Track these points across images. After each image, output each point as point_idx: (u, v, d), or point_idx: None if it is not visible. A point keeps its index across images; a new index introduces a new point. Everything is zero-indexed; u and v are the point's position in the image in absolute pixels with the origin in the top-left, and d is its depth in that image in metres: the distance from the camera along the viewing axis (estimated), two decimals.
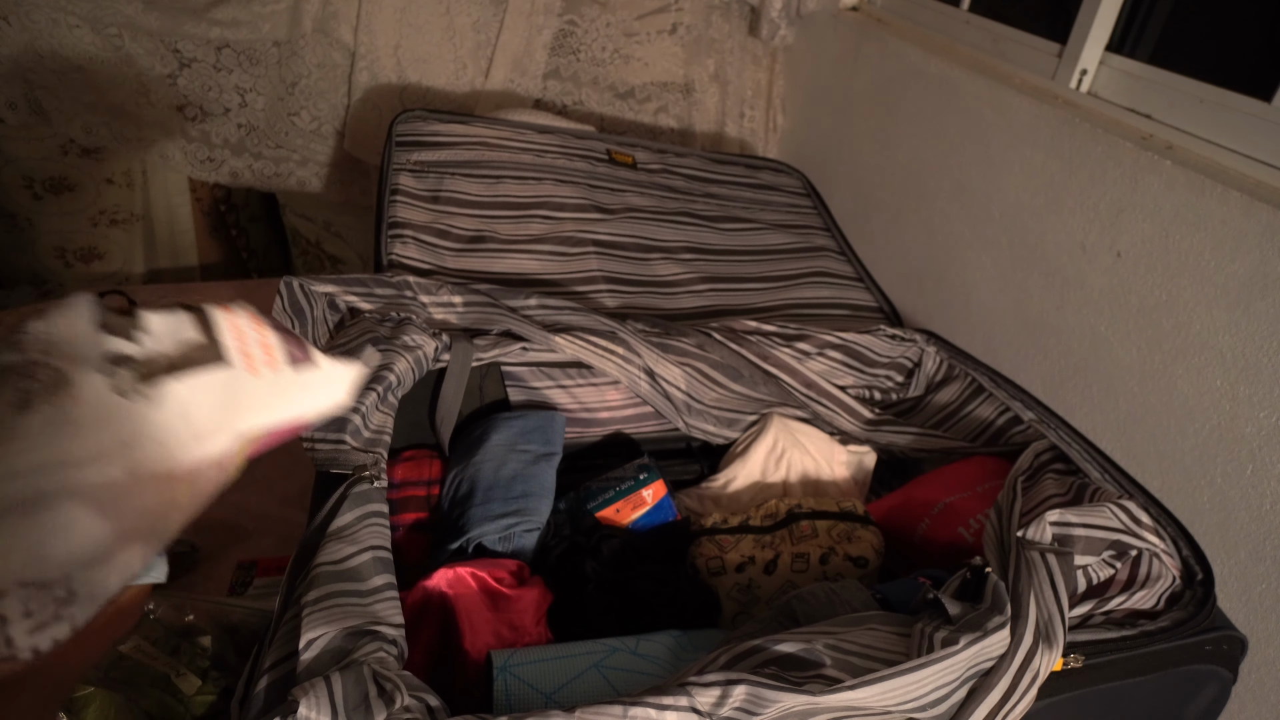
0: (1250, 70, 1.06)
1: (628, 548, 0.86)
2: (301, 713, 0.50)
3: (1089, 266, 1.19)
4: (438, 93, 1.90)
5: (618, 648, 0.70)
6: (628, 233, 1.33)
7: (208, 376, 0.39)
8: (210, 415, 0.39)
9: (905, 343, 1.13)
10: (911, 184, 1.61)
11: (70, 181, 1.82)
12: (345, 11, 1.75)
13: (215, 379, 0.39)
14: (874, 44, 1.72)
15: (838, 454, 1.07)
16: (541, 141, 1.44)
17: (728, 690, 0.54)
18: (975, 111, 1.41)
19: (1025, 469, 0.83)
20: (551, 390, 1.07)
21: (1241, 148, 1.04)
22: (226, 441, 0.40)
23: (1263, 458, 0.96)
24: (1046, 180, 1.27)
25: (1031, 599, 0.60)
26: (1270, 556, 0.96)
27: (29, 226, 1.84)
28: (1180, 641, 0.65)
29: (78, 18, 1.59)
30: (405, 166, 1.28)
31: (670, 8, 1.99)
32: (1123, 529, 0.69)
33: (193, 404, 0.38)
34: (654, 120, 2.11)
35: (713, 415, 1.09)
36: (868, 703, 0.55)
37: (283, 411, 0.43)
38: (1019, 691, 0.57)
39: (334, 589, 0.61)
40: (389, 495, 0.81)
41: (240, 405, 0.41)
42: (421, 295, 1.00)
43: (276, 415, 0.43)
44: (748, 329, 1.10)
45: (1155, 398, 1.10)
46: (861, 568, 0.88)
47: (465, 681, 0.72)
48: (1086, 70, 1.28)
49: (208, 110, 1.79)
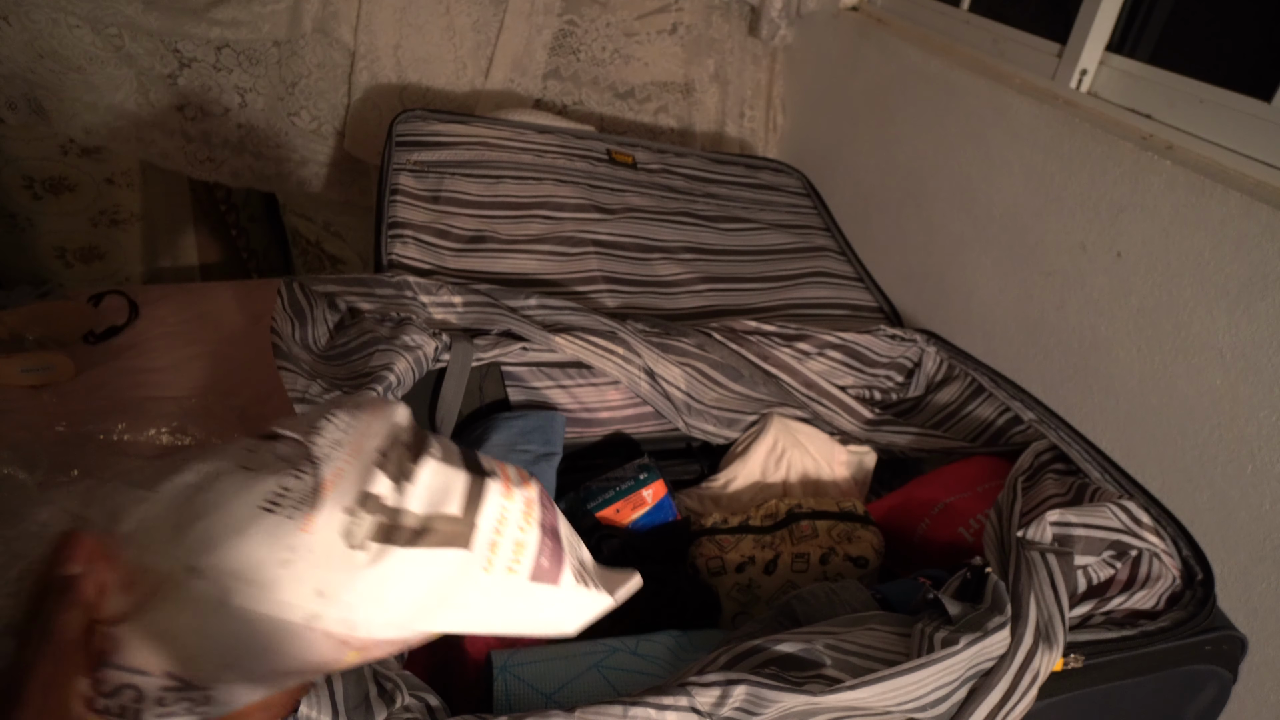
0: (1250, 70, 1.06)
1: (628, 548, 0.86)
2: (302, 712, 0.50)
3: (1089, 266, 1.19)
4: (438, 93, 1.90)
5: (618, 648, 0.70)
6: (628, 233, 1.33)
7: (440, 557, 0.35)
8: (417, 599, 0.36)
9: (905, 343, 1.13)
10: (911, 184, 1.61)
11: (70, 181, 1.82)
12: (345, 11, 1.75)
13: (445, 561, 0.36)
14: (874, 44, 1.72)
15: (838, 454, 1.07)
16: (541, 141, 1.44)
17: (728, 690, 0.54)
18: (975, 111, 1.41)
19: (1025, 469, 0.83)
20: (551, 390, 1.07)
21: (1241, 148, 1.04)
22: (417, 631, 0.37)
23: (1263, 458, 0.96)
24: (1046, 180, 1.27)
25: (1032, 599, 0.60)
26: (1270, 556, 0.96)
27: (29, 226, 1.84)
28: (1180, 641, 0.65)
29: (78, 18, 1.59)
30: (405, 166, 1.28)
31: (670, 8, 1.99)
32: (1123, 529, 0.69)
33: (407, 581, 0.35)
34: (654, 120, 2.11)
35: (713, 415, 1.09)
36: (868, 703, 0.55)
37: (493, 623, 0.38)
38: (1019, 691, 0.57)
39: None
40: None
41: (450, 601, 0.36)
42: (421, 295, 1.00)
43: (484, 625, 0.38)
44: (748, 329, 1.10)
45: (1155, 398, 1.10)
46: (861, 568, 0.88)
47: (465, 681, 0.72)
48: (1086, 70, 1.28)
49: (207, 110, 1.79)
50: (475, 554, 0.37)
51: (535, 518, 0.39)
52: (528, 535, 0.38)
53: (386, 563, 0.34)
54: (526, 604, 0.38)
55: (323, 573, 0.34)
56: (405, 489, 0.36)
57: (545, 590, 0.39)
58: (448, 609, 0.37)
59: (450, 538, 0.36)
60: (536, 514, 0.39)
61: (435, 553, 0.36)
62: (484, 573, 0.37)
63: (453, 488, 0.37)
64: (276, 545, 0.33)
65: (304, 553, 0.33)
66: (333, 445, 0.36)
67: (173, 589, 0.33)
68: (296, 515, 0.33)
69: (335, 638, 0.34)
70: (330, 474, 0.35)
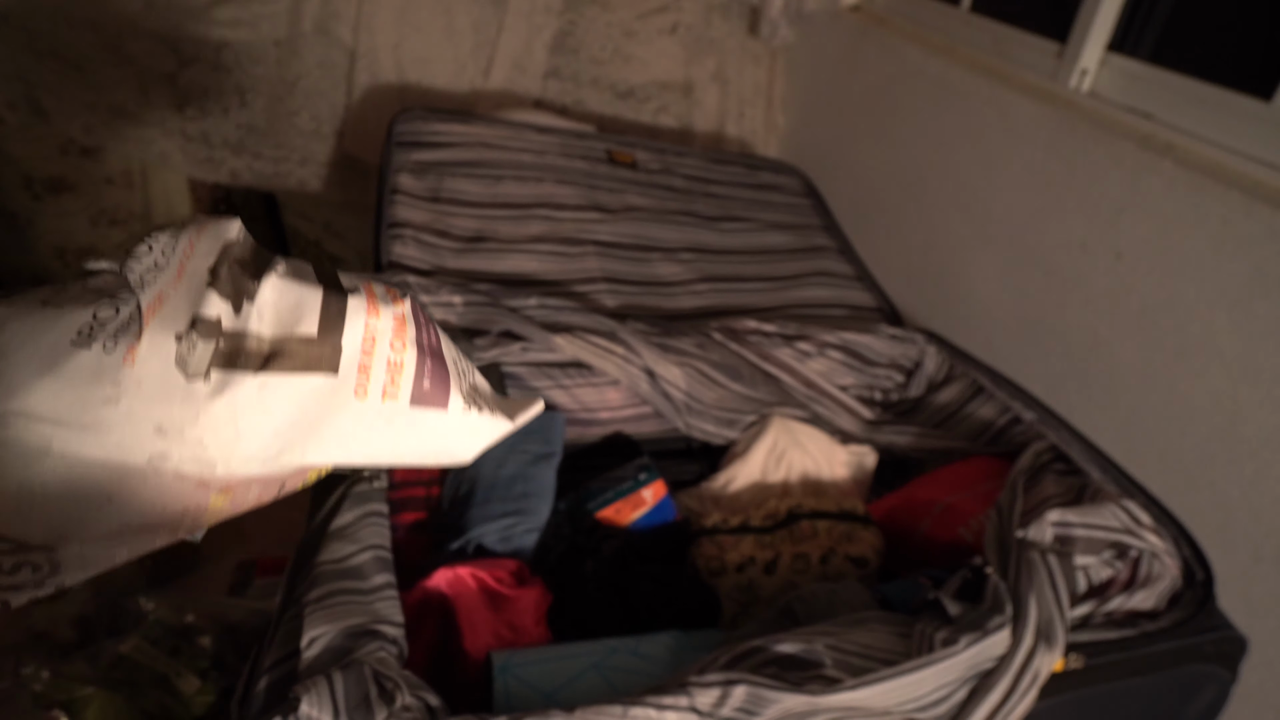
0: (1250, 70, 1.06)
1: (628, 548, 0.86)
2: (304, 710, 0.50)
3: (1089, 266, 1.19)
4: (438, 92, 1.90)
5: (618, 648, 0.70)
6: (628, 232, 1.33)
7: (299, 384, 0.32)
8: (280, 432, 0.32)
9: (906, 342, 1.13)
10: (911, 184, 1.61)
11: (70, 181, 1.82)
12: (345, 11, 1.75)
13: (307, 388, 0.32)
14: (874, 44, 1.72)
15: (838, 454, 1.07)
16: (541, 141, 1.44)
17: (728, 690, 0.54)
18: (975, 111, 1.41)
19: (1026, 469, 0.83)
20: (551, 390, 1.07)
21: (1241, 148, 1.04)
22: (287, 466, 0.33)
23: (1263, 458, 0.96)
24: (1046, 180, 1.27)
25: (1032, 599, 0.60)
26: (1270, 556, 0.96)
27: (29, 226, 1.84)
28: (1180, 642, 0.65)
29: (78, 18, 1.59)
30: (405, 165, 1.28)
31: (670, 7, 1.99)
32: (1123, 529, 0.69)
33: (264, 412, 0.31)
34: (654, 120, 2.10)
35: (713, 415, 1.09)
36: (868, 703, 0.55)
37: (374, 452, 0.35)
38: (1019, 692, 0.57)
39: (336, 587, 0.61)
40: (389, 495, 0.81)
41: (321, 430, 0.33)
42: (421, 295, 1.00)
43: (364, 454, 0.35)
44: (748, 329, 1.10)
45: (1156, 398, 1.10)
46: (862, 568, 0.88)
47: (465, 681, 0.72)
48: (1087, 70, 1.28)
49: (207, 110, 1.79)
50: (342, 378, 0.33)
51: (409, 337, 0.35)
52: (404, 356, 0.35)
53: (234, 392, 0.31)
54: (412, 431, 0.35)
55: (159, 407, 0.30)
56: (247, 309, 0.32)
57: (432, 415, 0.36)
58: (319, 440, 0.33)
59: (310, 361, 0.32)
60: (410, 333, 0.36)
61: (293, 379, 0.32)
62: (356, 399, 0.34)
63: (305, 306, 0.33)
64: (98, 381, 0.29)
65: (130, 387, 0.29)
66: (152, 269, 0.32)
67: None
68: (115, 347, 0.30)
69: (191, 479, 0.31)
70: (151, 299, 0.31)
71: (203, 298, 0.31)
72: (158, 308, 0.30)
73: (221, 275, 0.32)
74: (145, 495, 0.30)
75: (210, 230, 0.34)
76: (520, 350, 1.01)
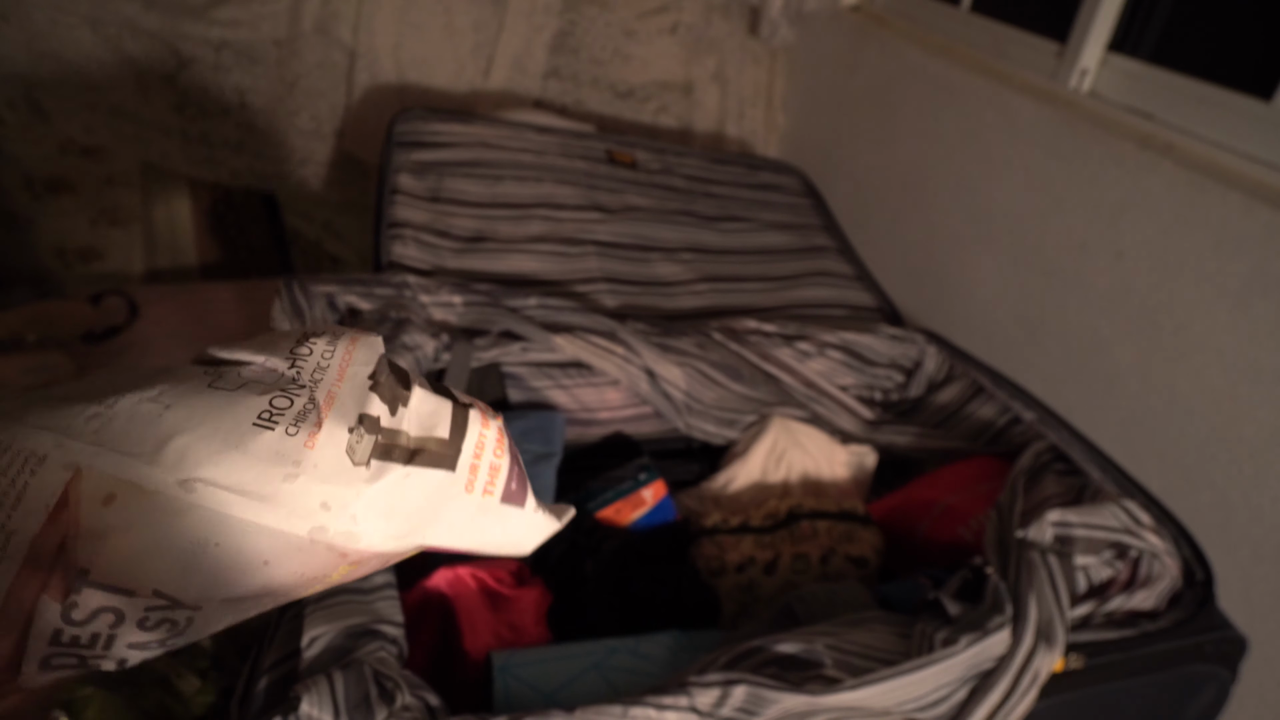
0: (1250, 70, 1.06)
1: (628, 548, 0.86)
2: (304, 710, 0.50)
3: (1089, 266, 1.19)
4: (438, 92, 1.90)
5: (618, 648, 0.70)
6: (628, 232, 1.33)
7: (431, 477, 0.38)
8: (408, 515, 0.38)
9: (906, 342, 1.13)
10: (911, 184, 1.61)
11: (70, 181, 1.82)
12: (345, 11, 1.75)
13: (434, 481, 0.39)
14: (874, 44, 1.72)
15: (838, 454, 1.07)
16: (541, 141, 1.44)
17: (728, 690, 0.54)
18: (975, 111, 1.41)
19: (1026, 469, 0.83)
20: (551, 390, 1.07)
21: (1241, 148, 1.04)
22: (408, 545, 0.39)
23: (1263, 458, 0.96)
24: (1047, 180, 1.27)
25: (1032, 599, 0.60)
26: (1270, 556, 0.96)
27: (29, 226, 1.84)
28: (1180, 642, 0.65)
29: (78, 18, 1.59)
30: (405, 165, 1.28)
31: (670, 7, 1.99)
32: (1123, 529, 0.69)
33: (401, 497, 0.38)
34: (654, 120, 2.11)
35: (713, 415, 1.09)
36: (868, 703, 0.55)
37: (470, 539, 0.42)
38: (1019, 692, 0.57)
39: (336, 587, 0.61)
40: None
41: (438, 518, 0.40)
42: (421, 295, 1.00)
43: (462, 541, 0.42)
44: (748, 329, 1.10)
45: (1156, 398, 1.10)
46: (862, 568, 0.88)
47: (465, 681, 0.72)
48: (1087, 70, 1.28)
49: (207, 110, 1.79)
50: (459, 475, 0.40)
51: (506, 447, 0.43)
52: (501, 461, 0.42)
53: (387, 479, 0.37)
54: (498, 523, 0.43)
55: (328, 487, 0.35)
56: (400, 413, 0.39)
57: (513, 511, 0.43)
58: (435, 524, 0.40)
59: (439, 459, 0.39)
60: (507, 443, 0.44)
61: (427, 472, 0.39)
62: (466, 492, 0.40)
63: (440, 414, 0.40)
64: (280, 460, 0.34)
65: (309, 467, 0.34)
66: (318, 369, 0.38)
67: (165, 503, 0.32)
68: (298, 432, 0.34)
69: (336, 550, 0.36)
70: (324, 395, 0.37)
71: (367, 399, 0.37)
72: (331, 403, 0.36)
73: (381, 382, 0.39)
74: (297, 561, 0.35)
75: (364, 342, 0.40)
76: (520, 350, 1.01)
